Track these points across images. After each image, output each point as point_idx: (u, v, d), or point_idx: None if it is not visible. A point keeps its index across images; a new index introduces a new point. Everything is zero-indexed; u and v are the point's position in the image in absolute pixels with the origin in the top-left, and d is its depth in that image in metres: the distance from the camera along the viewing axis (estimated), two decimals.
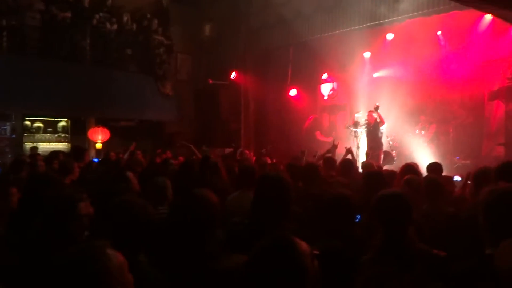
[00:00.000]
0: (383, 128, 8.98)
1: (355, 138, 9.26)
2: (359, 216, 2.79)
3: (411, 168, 4.69)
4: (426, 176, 3.51)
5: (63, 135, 10.63)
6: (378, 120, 8.89)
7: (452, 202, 3.42)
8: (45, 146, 10.01)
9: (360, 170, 5.68)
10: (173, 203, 3.13)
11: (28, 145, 9.92)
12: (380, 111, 9.02)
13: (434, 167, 4.59)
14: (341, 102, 12.05)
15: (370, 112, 9.13)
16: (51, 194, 2.30)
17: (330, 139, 11.83)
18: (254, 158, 7.21)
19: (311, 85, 12.26)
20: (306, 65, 11.67)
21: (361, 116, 9.95)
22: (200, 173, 4.77)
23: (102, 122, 10.49)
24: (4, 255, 2.14)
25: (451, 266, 1.75)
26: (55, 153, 6.42)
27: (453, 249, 2.13)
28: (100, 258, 1.22)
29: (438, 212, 3.05)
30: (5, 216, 2.60)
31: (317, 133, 12.24)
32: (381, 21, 9.06)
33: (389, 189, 2.24)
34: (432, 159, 6.21)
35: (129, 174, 3.61)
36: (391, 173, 4.67)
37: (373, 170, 4.37)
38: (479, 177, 3.11)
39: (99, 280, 1.19)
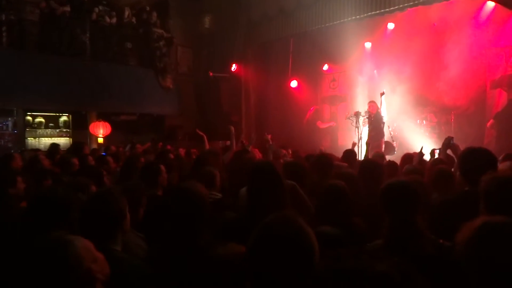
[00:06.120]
0: (385, 118, 8.95)
1: (356, 129, 9.24)
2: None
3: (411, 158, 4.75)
4: (436, 166, 3.49)
5: (64, 130, 10.62)
6: (380, 109, 8.86)
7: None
8: (47, 141, 10.01)
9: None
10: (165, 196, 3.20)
11: (30, 140, 9.91)
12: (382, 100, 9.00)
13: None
14: (342, 93, 12.02)
15: (370, 102, 9.10)
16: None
17: (333, 124, 11.90)
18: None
19: (312, 76, 12.22)
20: (307, 56, 11.62)
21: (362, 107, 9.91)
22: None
23: (103, 117, 10.48)
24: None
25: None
26: (55, 146, 6.52)
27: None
28: (65, 243, 1.32)
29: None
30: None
31: (318, 122, 12.24)
32: (382, 10, 8.97)
33: (396, 178, 2.22)
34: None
35: None
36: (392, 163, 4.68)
37: (369, 160, 4.43)
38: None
39: (71, 262, 1.28)
